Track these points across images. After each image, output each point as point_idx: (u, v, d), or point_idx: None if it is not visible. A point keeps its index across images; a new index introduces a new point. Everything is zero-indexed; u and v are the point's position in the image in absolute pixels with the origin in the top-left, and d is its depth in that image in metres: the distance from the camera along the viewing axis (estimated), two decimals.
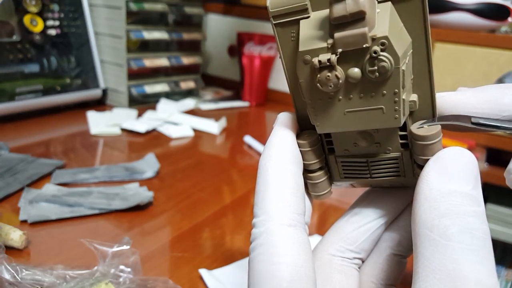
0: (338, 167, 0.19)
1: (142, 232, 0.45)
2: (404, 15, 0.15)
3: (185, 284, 0.37)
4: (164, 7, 0.95)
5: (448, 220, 0.14)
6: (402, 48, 0.14)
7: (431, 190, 0.15)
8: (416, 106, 0.16)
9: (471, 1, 0.84)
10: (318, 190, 0.19)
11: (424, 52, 0.15)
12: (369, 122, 0.16)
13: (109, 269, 0.34)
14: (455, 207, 0.14)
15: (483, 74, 0.87)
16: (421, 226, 0.15)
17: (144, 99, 0.96)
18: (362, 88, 0.15)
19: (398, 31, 0.14)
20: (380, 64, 0.14)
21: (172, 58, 1.00)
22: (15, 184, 0.50)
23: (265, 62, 1.10)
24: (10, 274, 0.31)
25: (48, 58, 0.81)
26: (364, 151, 0.18)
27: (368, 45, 0.14)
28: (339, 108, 0.16)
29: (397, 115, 0.15)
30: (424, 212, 0.15)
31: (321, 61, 0.15)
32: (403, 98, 0.15)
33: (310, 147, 0.18)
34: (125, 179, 0.56)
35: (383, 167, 0.18)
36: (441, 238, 0.14)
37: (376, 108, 0.15)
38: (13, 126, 0.73)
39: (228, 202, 0.54)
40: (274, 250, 0.15)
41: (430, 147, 0.16)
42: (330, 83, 0.15)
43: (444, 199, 0.14)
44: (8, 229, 0.39)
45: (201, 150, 0.73)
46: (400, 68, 0.14)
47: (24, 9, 0.76)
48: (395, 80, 0.15)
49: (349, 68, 0.15)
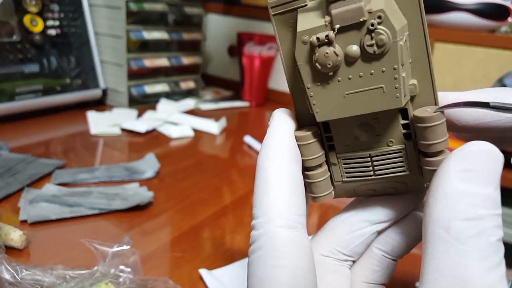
0: (340, 166, 0.18)
1: (142, 232, 0.45)
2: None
3: (185, 284, 0.37)
4: (164, 7, 0.95)
5: (466, 223, 0.13)
6: (399, 24, 0.14)
7: (452, 188, 0.14)
8: (417, 90, 0.16)
9: (471, 1, 0.84)
10: (317, 191, 0.18)
11: (421, 36, 0.15)
12: (369, 104, 0.15)
13: (109, 269, 0.34)
14: (475, 210, 0.14)
15: (483, 74, 0.87)
16: (436, 225, 0.14)
17: (144, 99, 0.96)
18: (361, 66, 0.15)
19: (393, 10, 0.15)
20: (378, 37, 0.14)
21: (172, 58, 1.00)
22: (15, 184, 0.50)
23: (265, 62, 1.10)
24: (10, 274, 0.31)
25: (48, 58, 0.81)
26: (366, 145, 0.17)
27: (365, 19, 0.14)
28: (338, 90, 0.16)
29: (397, 93, 0.15)
30: (441, 210, 0.14)
31: (319, 38, 0.15)
32: (403, 76, 0.15)
33: (308, 141, 0.17)
34: (125, 179, 0.56)
35: (387, 162, 0.17)
36: (456, 241, 0.13)
37: (376, 87, 0.15)
38: (13, 126, 0.73)
39: (228, 202, 0.54)
40: (273, 253, 0.15)
41: (432, 129, 0.15)
42: (329, 61, 0.15)
43: (465, 200, 0.14)
44: (8, 229, 0.39)
45: (201, 150, 0.73)
46: (398, 42, 0.14)
47: (24, 9, 0.76)
48: (393, 55, 0.14)
49: (347, 46, 0.15)
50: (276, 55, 1.13)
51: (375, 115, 0.17)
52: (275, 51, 1.12)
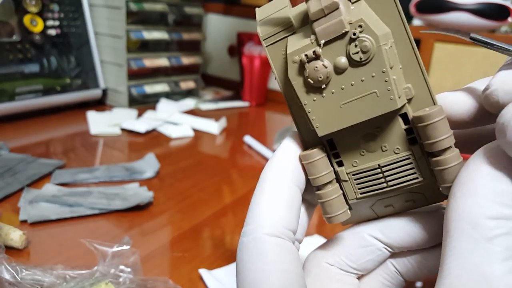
0: (352, 183, 0.18)
1: (142, 232, 0.45)
2: (377, 9, 0.16)
3: (185, 284, 0.37)
4: (164, 7, 0.95)
5: (494, 222, 0.13)
6: (381, 31, 0.15)
7: (482, 186, 0.14)
8: (412, 92, 0.16)
9: (471, 1, 0.84)
10: (331, 210, 0.18)
11: (406, 42, 0.16)
12: (366, 111, 0.16)
13: (109, 269, 0.34)
14: (504, 209, 0.13)
15: (483, 74, 0.87)
16: (462, 220, 0.14)
17: (144, 99, 0.96)
18: (351, 75, 0.16)
19: (374, 20, 0.15)
20: (362, 44, 0.15)
21: (172, 58, 1.00)
22: (15, 184, 0.50)
23: (265, 62, 1.10)
24: (10, 274, 0.31)
25: (48, 58, 0.81)
26: (373, 157, 0.17)
27: (347, 30, 0.15)
28: (334, 102, 0.16)
29: (391, 95, 0.15)
30: (470, 206, 0.14)
31: (307, 55, 0.16)
32: (394, 78, 0.15)
33: (313, 158, 0.17)
34: (125, 179, 0.56)
35: (397, 170, 0.17)
36: (483, 238, 0.13)
37: (370, 93, 0.16)
38: (13, 126, 0.73)
39: (228, 202, 0.54)
40: (262, 258, 0.15)
41: (433, 126, 0.15)
42: (319, 74, 0.16)
43: (495, 198, 0.14)
44: (8, 229, 0.39)
45: (201, 150, 0.73)
46: (381, 46, 0.15)
47: (24, 9, 0.76)
48: (379, 59, 0.15)
49: (335, 59, 0.16)
50: None
51: (376, 124, 0.17)
52: None
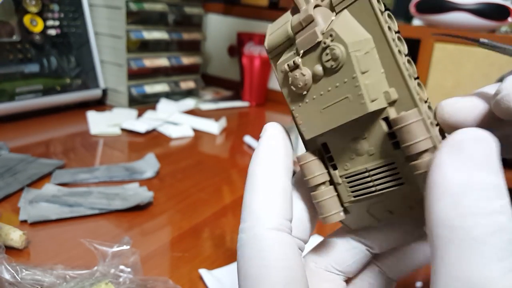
0: (345, 186, 0.19)
1: (142, 232, 0.45)
2: (358, 16, 0.17)
3: (185, 284, 0.37)
4: (164, 7, 0.95)
5: (473, 220, 0.12)
6: (353, 38, 0.16)
7: (448, 183, 0.12)
8: (392, 96, 0.16)
9: (471, 1, 0.84)
10: (324, 211, 0.18)
11: (386, 47, 0.16)
12: (342, 115, 0.17)
13: (109, 269, 0.34)
14: (480, 202, 0.12)
15: (483, 74, 0.87)
16: (440, 227, 0.12)
17: (144, 99, 0.96)
18: (327, 82, 0.17)
19: (350, 28, 0.16)
20: (332, 52, 0.16)
21: (172, 58, 1.00)
22: (15, 184, 0.50)
23: (265, 62, 1.10)
24: (10, 274, 0.31)
25: (48, 58, 0.81)
26: (361, 161, 0.18)
27: (320, 40, 0.16)
28: (315, 107, 0.18)
29: (362, 100, 0.16)
30: (442, 210, 0.12)
31: (289, 65, 0.17)
32: (366, 83, 0.16)
33: (306, 160, 0.19)
34: (125, 179, 0.56)
35: (383, 174, 0.17)
36: (465, 241, 0.12)
37: (343, 98, 0.17)
38: (13, 126, 0.73)
39: (228, 202, 0.54)
40: (264, 255, 0.15)
41: (407, 128, 0.15)
42: (299, 82, 0.17)
43: (466, 193, 0.12)
44: (8, 229, 0.39)
45: (201, 150, 0.73)
46: (351, 53, 0.16)
47: (24, 9, 0.76)
48: (349, 65, 0.16)
49: (313, 67, 0.17)
50: None
51: (362, 128, 0.17)
52: None
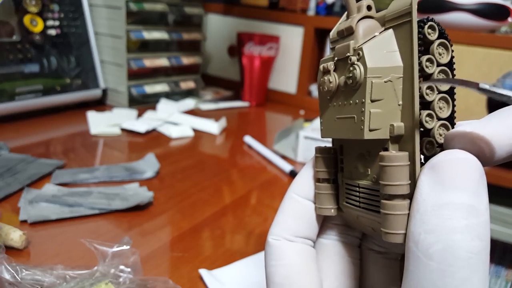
0: (343, 189, 0.19)
1: (142, 232, 0.45)
2: (399, 41, 0.16)
3: (185, 284, 0.37)
4: (164, 7, 0.95)
5: (433, 237, 0.13)
6: (378, 63, 0.16)
7: (423, 201, 0.14)
8: (395, 131, 0.16)
9: (471, 1, 0.84)
10: (319, 203, 0.20)
11: (410, 82, 0.15)
12: (346, 130, 0.17)
13: (109, 269, 0.34)
14: (444, 221, 0.13)
15: (483, 74, 0.87)
16: (409, 240, 0.14)
17: (144, 99, 0.96)
18: (346, 95, 0.17)
19: (384, 52, 0.16)
20: (352, 71, 0.16)
21: (172, 58, 1.00)
22: (15, 184, 0.50)
23: (265, 62, 1.10)
24: (10, 274, 0.31)
25: (48, 58, 0.81)
26: (359, 175, 0.18)
27: (349, 55, 0.16)
28: (332, 113, 0.18)
29: (362, 126, 0.16)
30: (413, 225, 0.14)
31: (324, 67, 0.18)
32: (370, 111, 0.16)
33: (319, 154, 0.20)
34: (125, 179, 0.56)
35: (369, 197, 0.17)
36: (423, 256, 0.13)
37: (350, 116, 0.17)
38: (13, 126, 0.73)
39: (228, 202, 0.54)
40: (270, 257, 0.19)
41: (385, 169, 0.15)
42: (325, 86, 0.18)
43: (435, 212, 0.13)
44: (8, 229, 0.39)
45: (201, 150, 0.73)
46: (368, 78, 0.15)
47: (24, 9, 0.76)
48: (363, 89, 0.16)
49: (340, 77, 0.17)
50: (276, 55, 1.13)
51: (366, 148, 0.18)
52: (275, 51, 1.12)
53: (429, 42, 0.16)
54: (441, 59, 0.16)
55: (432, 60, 0.16)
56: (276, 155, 0.70)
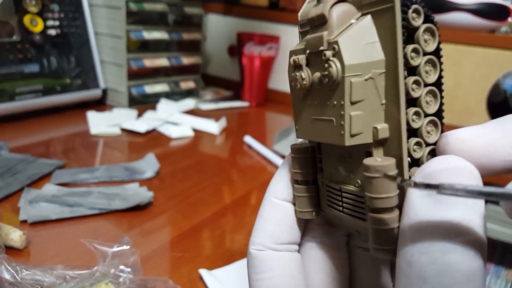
0: (323, 191, 0.18)
1: (142, 232, 0.45)
2: (380, 30, 0.14)
3: (185, 284, 0.37)
4: (164, 7, 0.95)
5: (427, 258, 0.12)
6: (357, 59, 0.14)
7: (416, 216, 0.12)
8: (379, 135, 0.14)
9: (471, 1, 0.84)
10: (299, 206, 0.18)
11: (395, 77, 0.14)
12: (324, 134, 0.15)
13: (109, 269, 0.34)
14: (439, 241, 0.12)
15: (483, 74, 0.87)
16: (401, 258, 0.13)
17: (144, 99, 0.96)
18: (321, 95, 0.15)
19: (363, 44, 0.14)
20: (328, 69, 0.14)
21: (172, 58, 1.00)
22: (15, 184, 0.50)
23: (265, 62, 1.10)
24: (10, 274, 0.31)
25: (48, 58, 0.81)
26: (340, 178, 0.16)
27: (323, 48, 0.14)
28: (308, 113, 0.16)
29: (342, 131, 0.14)
30: (405, 242, 0.13)
31: (294, 60, 0.15)
32: (350, 114, 0.14)
33: (296, 154, 0.17)
34: (125, 179, 0.56)
35: (352, 202, 0.16)
36: (416, 278, 0.12)
37: (329, 119, 0.15)
38: (13, 126, 0.73)
39: (228, 202, 0.54)
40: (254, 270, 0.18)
41: (370, 181, 0.13)
42: (297, 83, 0.15)
43: (429, 230, 0.12)
44: (8, 229, 0.39)
45: (201, 150, 0.73)
46: (346, 77, 0.13)
47: (24, 9, 0.76)
48: (341, 90, 0.14)
49: (315, 72, 0.15)
50: (276, 55, 1.13)
51: (348, 149, 0.16)
52: (275, 51, 1.12)
53: (413, 28, 0.14)
54: (427, 46, 0.14)
55: (418, 50, 0.14)
56: (276, 155, 0.70)
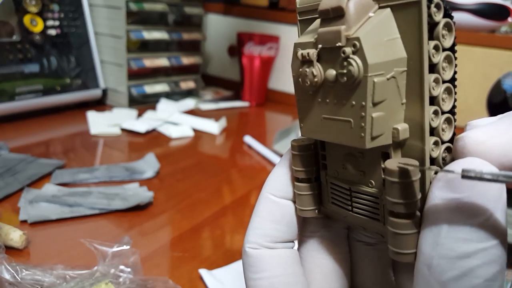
0: (327, 188, 0.17)
1: (142, 232, 0.45)
2: (402, 26, 0.13)
3: (185, 284, 0.37)
4: (164, 7, 0.95)
5: (448, 263, 0.12)
6: (380, 57, 0.13)
7: (437, 220, 0.12)
8: (399, 136, 0.14)
9: (471, 1, 0.84)
10: (300, 204, 0.17)
11: (418, 75, 0.13)
12: (338, 135, 0.14)
13: (109, 269, 0.34)
14: (460, 246, 0.12)
15: (483, 74, 0.87)
16: (420, 261, 0.13)
17: (144, 99, 0.96)
18: (337, 93, 0.14)
19: (384, 40, 0.13)
20: (348, 67, 0.13)
21: (172, 58, 1.00)
22: (15, 184, 0.50)
23: (265, 62, 1.10)
24: (10, 274, 0.31)
25: (48, 58, 0.81)
26: (349, 177, 0.16)
27: (341, 45, 0.13)
28: (317, 111, 0.15)
29: (362, 133, 0.13)
30: (426, 245, 0.13)
31: (303, 55, 0.14)
32: (372, 116, 0.13)
33: (298, 152, 0.17)
34: (125, 179, 0.56)
35: (364, 202, 0.16)
36: (436, 282, 0.12)
37: (346, 120, 0.14)
38: (13, 126, 0.73)
39: (228, 202, 0.54)
40: (251, 269, 0.17)
41: (393, 185, 0.13)
42: (307, 80, 0.14)
43: (450, 234, 0.12)
44: (8, 229, 0.39)
45: (201, 150, 0.73)
46: (368, 77, 0.13)
47: (24, 9, 0.76)
48: (363, 90, 0.13)
49: (328, 68, 0.14)
50: (276, 55, 1.13)
51: (361, 149, 0.15)
52: (275, 51, 1.12)
53: (434, 24, 0.13)
54: (445, 42, 0.13)
55: (438, 46, 0.13)
56: (276, 155, 0.70)
